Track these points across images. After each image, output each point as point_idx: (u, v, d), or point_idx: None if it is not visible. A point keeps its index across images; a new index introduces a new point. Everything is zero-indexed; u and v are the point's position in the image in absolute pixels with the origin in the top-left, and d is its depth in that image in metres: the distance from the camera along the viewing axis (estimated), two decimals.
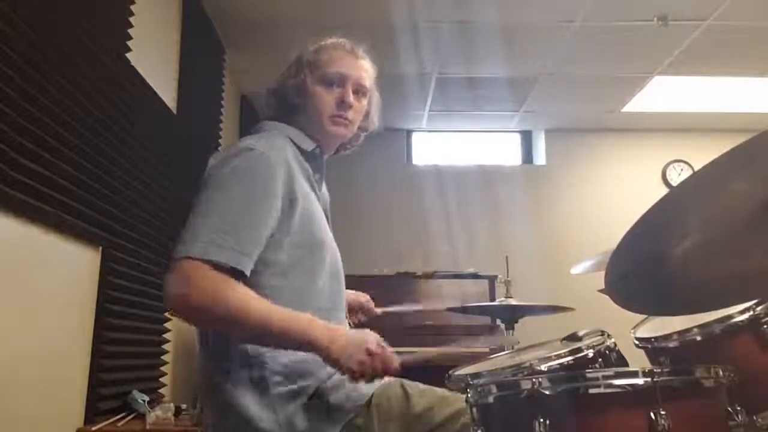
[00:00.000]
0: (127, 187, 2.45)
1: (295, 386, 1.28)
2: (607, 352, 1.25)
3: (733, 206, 1.03)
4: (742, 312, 1.19)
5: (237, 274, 1.20)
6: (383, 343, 1.22)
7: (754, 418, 1.11)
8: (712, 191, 0.99)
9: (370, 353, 1.19)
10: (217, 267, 1.18)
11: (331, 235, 1.46)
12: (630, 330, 1.43)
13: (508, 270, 3.15)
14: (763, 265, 1.08)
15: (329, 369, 1.32)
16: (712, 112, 4.86)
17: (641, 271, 1.08)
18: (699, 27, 3.58)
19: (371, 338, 1.22)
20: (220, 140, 3.81)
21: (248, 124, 4.58)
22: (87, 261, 2.20)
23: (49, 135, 1.89)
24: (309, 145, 1.45)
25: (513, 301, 2.43)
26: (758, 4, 3.35)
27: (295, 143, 1.43)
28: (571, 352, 1.25)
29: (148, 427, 2.24)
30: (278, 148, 1.35)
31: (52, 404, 1.98)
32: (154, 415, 2.30)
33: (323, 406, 1.28)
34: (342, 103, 1.45)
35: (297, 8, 3.38)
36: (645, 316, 1.45)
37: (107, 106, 2.28)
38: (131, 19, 2.50)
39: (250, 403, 1.25)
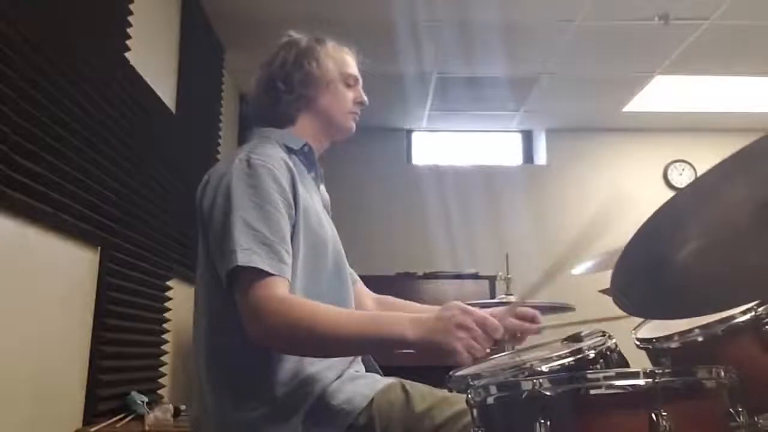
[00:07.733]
0: (126, 187, 2.44)
1: (299, 395, 1.27)
2: (608, 352, 1.25)
3: (734, 210, 1.02)
4: (744, 313, 1.19)
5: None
6: (470, 309, 1.13)
7: (756, 419, 1.11)
8: (713, 196, 0.99)
9: (463, 327, 1.11)
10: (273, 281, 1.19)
11: (334, 233, 1.46)
12: (631, 331, 1.42)
13: (508, 267, 3.13)
14: (764, 266, 1.07)
15: (331, 373, 1.31)
16: (713, 111, 4.85)
17: (646, 277, 1.08)
18: (701, 26, 3.57)
19: (455, 312, 1.13)
20: (219, 140, 3.81)
21: (248, 123, 4.57)
22: (85, 261, 2.19)
23: (47, 135, 1.88)
24: (297, 143, 1.47)
25: (513, 300, 2.42)
26: (760, 3, 3.34)
27: (284, 145, 1.44)
28: (572, 353, 1.24)
29: (147, 428, 2.23)
30: (276, 156, 1.35)
31: (50, 405, 1.98)
32: (153, 416, 2.29)
33: (325, 410, 1.28)
34: (359, 103, 1.56)
35: (296, 7, 3.38)
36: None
37: (106, 106, 2.27)
38: (130, 18, 2.49)
39: (255, 414, 1.25)
